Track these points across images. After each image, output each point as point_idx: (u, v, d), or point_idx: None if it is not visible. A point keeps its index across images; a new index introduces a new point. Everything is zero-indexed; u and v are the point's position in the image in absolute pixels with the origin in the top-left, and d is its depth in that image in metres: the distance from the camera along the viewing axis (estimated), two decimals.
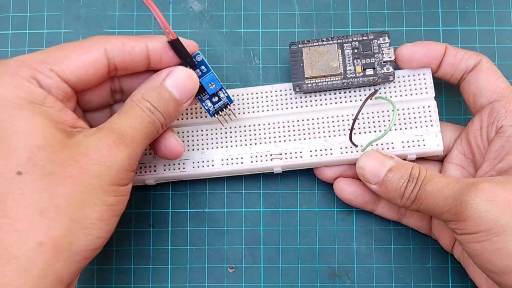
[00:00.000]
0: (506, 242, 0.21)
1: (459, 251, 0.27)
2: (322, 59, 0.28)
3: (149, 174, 0.27)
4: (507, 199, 0.21)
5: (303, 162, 0.27)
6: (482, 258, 0.22)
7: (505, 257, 0.21)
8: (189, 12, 0.31)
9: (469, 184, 0.22)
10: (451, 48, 0.26)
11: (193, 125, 0.28)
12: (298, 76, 0.28)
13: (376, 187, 0.25)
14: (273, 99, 0.28)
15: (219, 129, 0.28)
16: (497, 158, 0.24)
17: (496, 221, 0.21)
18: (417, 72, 0.28)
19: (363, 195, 0.27)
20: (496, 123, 0.25)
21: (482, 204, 0.21)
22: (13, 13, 0.31)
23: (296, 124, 0.28)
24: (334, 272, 0.29)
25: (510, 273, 0.21)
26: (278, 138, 0.28)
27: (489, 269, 0.22)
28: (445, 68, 0.26)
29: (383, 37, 0.28)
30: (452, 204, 0.22)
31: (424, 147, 0.27)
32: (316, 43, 0.28)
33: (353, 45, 0.28)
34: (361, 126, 0.28)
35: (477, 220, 0.21)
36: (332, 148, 0.27)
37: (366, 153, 0.26)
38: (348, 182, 0.28)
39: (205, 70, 0.26)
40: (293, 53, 0.28)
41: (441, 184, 0.23)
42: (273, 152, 0.27)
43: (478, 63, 0.26)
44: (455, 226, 0.22)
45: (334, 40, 0.28)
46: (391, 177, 0.24)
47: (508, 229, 0.21)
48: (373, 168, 0.25)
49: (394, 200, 0.25)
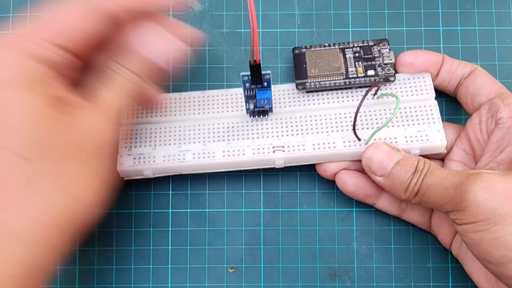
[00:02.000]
0: (504, 232, 0.21)
1: (457, 247, 0.27)
2: (325, 60, 0.28)
3: (148, 164, 0.27)
4: (506, 188, 0.21)
5: (305, 155, 0.27)
6: (479, 248, 0.22)
7: (503, 247, 0.21)
8: (189, 12, 0.31)
9: (469, 174, 0.22)
10: (448, 57, 0.28)
11: (195, 119, 0.28)
12: (301, 75, 0.28)
13: (382, 180, 0.25)
14: (276, 98, 0.28)
15: (221, 124, 0.28)
16: (498, 150, 0.24)
17: (494, 210, 0.21)
18: (417, 76, 0.28)
19: (365, 188, 0.27)
20: (495, 115, 0.25)
21: (481, 193, 0.21)
22: (13, 13, 0.31)
23: (299, 121, 0.28)
24: (334, 272, 0.29)
25: (507, 264, 0.21)
26: (280, 132, 0.28)
27: (487, 260, 0.22)
28: (443, 75, 0.27)
29: (383, 43, 0.29)
30: (452, 194, 0.22)
31: (427, 141, 0.27)
32: (318, 48, 0.29)
33: (354, 50, 0.29)
34: (364, 123, 0.28)
35: (475, 209, 0.21)
36: (335, 142, 0.27)
37: (374, 144, 0.26)
38: (350, 174, 0.28)
39: (265, 86, 0.25)
40: (296, 56, 0.29)
41: (442, 175, 0.23)
42: (276, 145, 0.27)
43: (474, 70, 0.27)
44: (455, 216, 0.23)
45: (335, 46, 0.29)
46: (398, 170, 0.24)
47: (506, 219, 0.21)
48: (380, 160, 0.25)
49: (398, 193, 0.25)
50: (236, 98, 0.29)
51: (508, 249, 0.21)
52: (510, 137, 0.24)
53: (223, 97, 0.29)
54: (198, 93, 0.29)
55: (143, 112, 0.29)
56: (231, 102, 0.29)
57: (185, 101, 0.29)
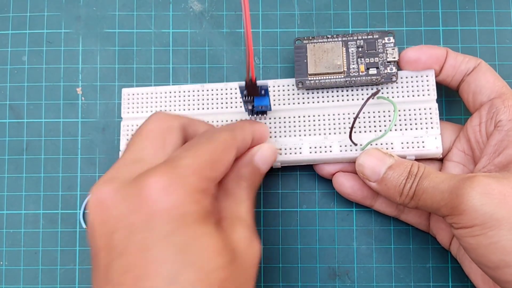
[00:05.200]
0: (501, 236, 0.21)
1: (456, 248, 0.27)
2: (326, 57, 0.28)
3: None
4: (502, 193, 0.21)
5: (302, 158, 0.27)
6: (477, 253, 0.22)
7: (500, 251, 0.21)
8: (189, 12, 0.31)
9: (465, 178, 0.22)
10: (451, 51, 0.27)
11: (194, 115, 0.28)
12: (301, 72, 0.28)
13: (375, 185, 0.25)
14: (275, 94, 0.28)
15: (220, 121, 0.28)
16: (496, 152, 0.24)
17: (491, 214, 0.21)
18: (420, 73, 0.28)
19: (361, 190, 0.27)
20: (495, 118, 0.25)
21: (477, 198, 0.21)
22: (13, 13, 0.31)
23: (297, 120, 0.28)
24: (334, 272, 0.29)
25: (505, 268, 0.21)
26: (278, 133, 0.28)
27: (484, 264, 0.22)
28: (447, 70, 0.27)
29: (388, 37, 0.28)
30: (448, 198, 0.22)
31: (423, 148, 0.27)
32: (321, 40, 0.28)
33: (358, 43, 0.28)
34: (361, 125, 0.28)
35: (472, 214, 0.21)
36: (331, 146, 0.27)
37: (366, 150, 0.26)
38: (347, 176, 0.28)
39: (263, 94, 0.25)
40: (298, 49, 0.28)
41: (438, 179, 0.23)
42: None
43: (477, 65, 0.26)
44: (452, 221, 0.22)
45: (339, 38, 0.28)
46: (390, 175, 0.24)
47: (503, 223, 0.21)
48: (372, 166, 0.25)
49: (393, 197, 0.25)
50: (236, 93, 0.29)
51: (506, 254, 0.21)
52: (509, 140, 0.24)
53: (222, 92, 0.29)
54: (197, 86, 0.29)
55: (142, 106, 0.29)
56: (230, 98, 0.29)
57: (184, 94, 0.29)
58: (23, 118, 0.31)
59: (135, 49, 0.31)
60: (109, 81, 0.31)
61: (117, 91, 0.31)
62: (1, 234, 0.30)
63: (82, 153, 0.30)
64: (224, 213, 0.23)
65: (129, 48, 0.31)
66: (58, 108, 0.31)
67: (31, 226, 0.30)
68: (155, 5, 0.31)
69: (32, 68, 0.31)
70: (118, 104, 0.31)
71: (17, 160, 0.30)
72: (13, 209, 0.30)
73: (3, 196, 0.30)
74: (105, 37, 0.31)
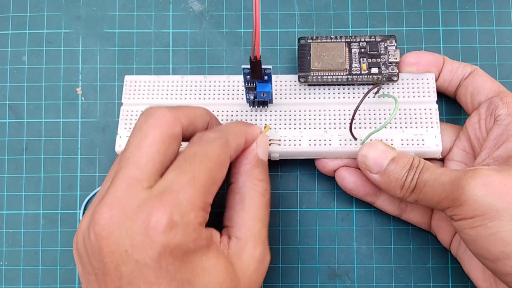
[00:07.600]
0: (500, 227, 0.21)
1: (456, 246, 0.27)
2: (329, 54, 0.28)
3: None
4: (503, 184, 0.21)
5: (301, 150, 0.27)
6: (476, 245, 0.22)
7: (499, 243, 0.21)
8: (189, 12, 0.31)
9: (466, 170, 0.23)
10: (448, 59, 0.28)
11: (195, 105, 0.28)
12: (304, 68, 0.28)
13: (377, 177, 0.25)
14: (277, 89, 0.29)
15: (221, 111, 0.28)
16: (495, 146, 0.25)
17: (491, 205, 0.21)
18: (421, 76, 0.28)
19: (364, 186, 0.28)
20: (494, 113, 0.25)
21: (478, 188, 0.21)
22: (13, 13, 0.31)
23: (297, 114, 0.28)
24: (334, 272, 0.29)
25: (504, 260, 0.21)
26: (278, 125, 0.28)
27: (484, 256, 0.22)
28: (445, 75, 0.28)
29: (390, 40, 0.28)
30: (449, 190, 0.22)
31: (423, 146, 0.27)
32: (324, 40, 0.29)
33: (361, 45, 0.28)
34: (362, 122, 0.28)
35: (473, 205, 0.21)
36: (331, 139, 0.27)
37: (369, 142, 0.26)
38: (350, 171, 0.28)
39: (266, 80, 0.25)
40: (301, 47, 0.29)
41: (439, 171, 0.23)
42: (272, 138, 0.27)
43: (474, 70, 0.27)
44: (453, 212, 0.23)
45: (342, 39, 0.29)
46: (393, 167, 0.25)
47: (503, 214, 0.21)
48: (376, 157, 0.25)
49: (394, 190, 0.25)
50: (238, 85, 0.29)
51: (505, 245, 0.21)
52: (508, 134, 0.24)
53: (224, 84, 0.29)
54: (200, 77, 0.29)
55: (143, 93, 0.29)
56: (232, 90, 0.29)
57: (186, 84, 0.29)
58: (23, 118, 0.31)
59: (135, 49, 0.31)
60: (109, 81, 0.31)
61: (117, 91, 0.31)
62: (1, 234, 0.30)
63: (82, 153, 0.30)
64: (235, 229, 0.23)
65: (129, 48, 0.31)
66: (58, 108, 0.31)
67: (31, 226, 0.30)
68: (155, 5, 0.31)
69: (32, 68, 0.31)
70: (118, 104, 0.31)
71: (17, 160, 0.30)
72: (13, 209, 0.30)
73: (3, 196, 0.30)
74: (105, 37, 0.31)
